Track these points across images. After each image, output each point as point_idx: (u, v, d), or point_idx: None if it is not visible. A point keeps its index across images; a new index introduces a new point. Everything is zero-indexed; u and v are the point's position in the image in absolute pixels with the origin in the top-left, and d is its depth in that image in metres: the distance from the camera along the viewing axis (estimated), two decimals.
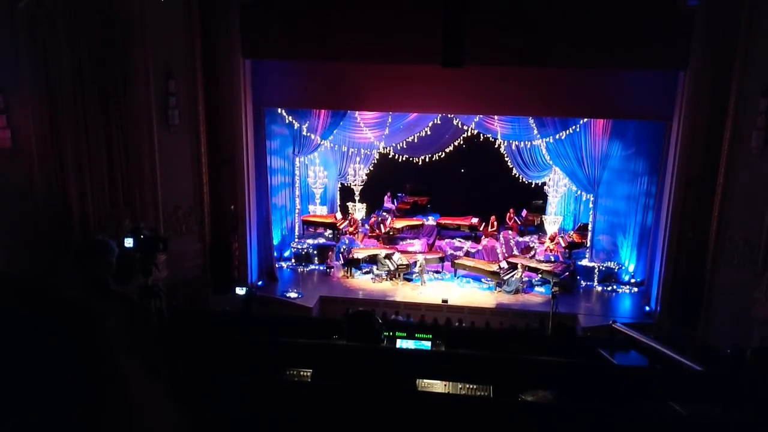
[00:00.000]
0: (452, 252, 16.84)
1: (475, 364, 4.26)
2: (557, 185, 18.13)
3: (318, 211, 18.68)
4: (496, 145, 17.17)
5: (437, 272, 15.92)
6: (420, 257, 15.62)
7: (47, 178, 10.27)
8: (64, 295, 0.78)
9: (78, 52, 10.32)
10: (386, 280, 15.45)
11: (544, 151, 16.39)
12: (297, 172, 17.64)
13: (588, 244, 16.36)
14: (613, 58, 12.41)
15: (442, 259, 16.24)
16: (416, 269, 15.40)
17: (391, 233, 17.94)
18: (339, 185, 19.41)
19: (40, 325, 0.73)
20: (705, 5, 11.66)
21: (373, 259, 15.85)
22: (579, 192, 17.17)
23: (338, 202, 19.45)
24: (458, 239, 17.86)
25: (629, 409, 3.60)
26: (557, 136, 15.53)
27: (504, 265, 15.51)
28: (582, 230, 17.09)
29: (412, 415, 3.33)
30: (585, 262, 15.91)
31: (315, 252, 16.64)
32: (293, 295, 14.37)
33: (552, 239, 17.06)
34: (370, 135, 16.97)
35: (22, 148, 9.98)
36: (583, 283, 15.40)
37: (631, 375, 4.43)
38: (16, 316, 0.72)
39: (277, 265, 15.79)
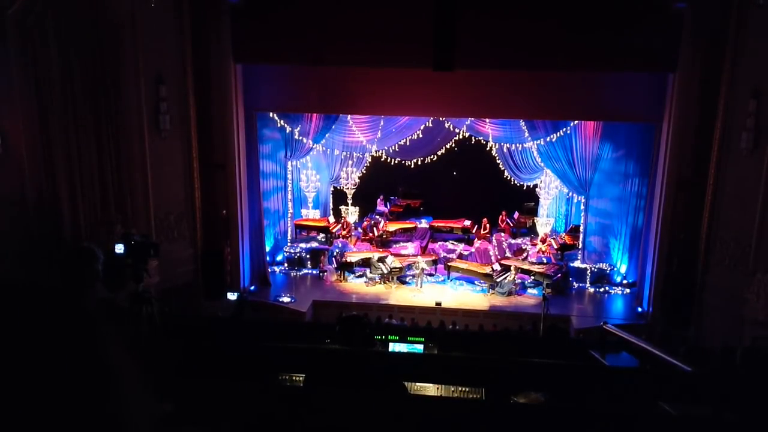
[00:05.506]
0: (445, 254, 16.86)
1: (467, 366, 4.28)
2: (548, 187, 18.20)
3: (311, 214, 18.68)
4: (488, 148, 17.23)
5: (430, 275, 15.92)
6: (421, 261, 15.62)
7: (38, 184, 10.22)
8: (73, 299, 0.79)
9: (68, 58, 10.29)
10: (379, 283, 15.42)
11: (535, 153, 16.46)
12: (289, 176, 17.63)
13: (580, 246, 16.42)
14: (602, 61, 12.48)
15: (435, 262, 16.26)
16: (416, 272, 15.38)
17: (384, 236, 17.94)
18: (331, 189, 19.40)
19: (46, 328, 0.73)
20: (694, 7, 11.74)
21: (366, 263, 15.83)
22: (570, 194, 17.25)
23: (331, 206, 19.44)
24: (451, 242, 17.87)
25: (620, 410, 3.62)
26: (548, 139, 15.59)
27: (497, 267, 15.54)
28: (573, 232, 17.16)
29: (405, 418, 3.35)
30: (577, 264, 15.95)
31: (308, 256, 16.60)
32: (286, 299, 14.34)
33: (543, 241, 17.12)
34: (363, 138, 16.99)
35: (12, 155, 9.93)
36: (576, 285, 15.44)
37: (621, 376, 4.46)
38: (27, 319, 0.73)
39: (269, 270, 15.75)
